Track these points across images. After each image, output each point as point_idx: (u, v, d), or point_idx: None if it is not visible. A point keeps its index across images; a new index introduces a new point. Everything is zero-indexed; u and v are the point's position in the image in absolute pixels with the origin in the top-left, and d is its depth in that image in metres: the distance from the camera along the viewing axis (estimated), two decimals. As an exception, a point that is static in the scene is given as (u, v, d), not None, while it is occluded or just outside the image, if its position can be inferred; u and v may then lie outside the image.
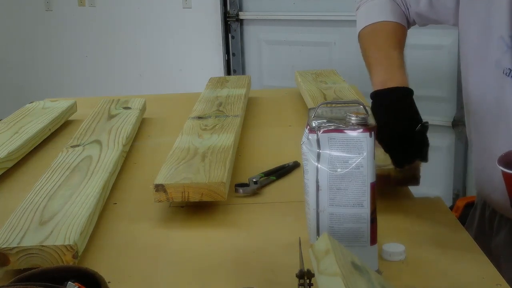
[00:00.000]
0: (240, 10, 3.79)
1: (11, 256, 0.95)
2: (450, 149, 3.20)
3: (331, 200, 0.88)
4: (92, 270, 0.79)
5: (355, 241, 0.89)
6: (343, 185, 0.87)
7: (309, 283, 0.78)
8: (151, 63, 4.18)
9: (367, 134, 0.86)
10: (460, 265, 0.95)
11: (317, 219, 0.89)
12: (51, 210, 1.09)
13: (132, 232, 1.12)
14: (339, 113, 0.91)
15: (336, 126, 0.87)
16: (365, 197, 0.88)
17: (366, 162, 0.87)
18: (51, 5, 4.33)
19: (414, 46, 3.20)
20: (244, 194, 1.25)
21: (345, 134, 0.86)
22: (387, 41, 1.27)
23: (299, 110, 1.86)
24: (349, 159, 0.86)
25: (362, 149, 0.86)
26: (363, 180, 0.87)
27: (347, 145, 0.86)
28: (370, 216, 0.89)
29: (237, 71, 3.87)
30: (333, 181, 0.88)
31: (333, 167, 0.87)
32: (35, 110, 1.80)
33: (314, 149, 0.87)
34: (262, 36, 3.79)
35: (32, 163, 1.51)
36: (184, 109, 1.77)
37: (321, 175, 0.88)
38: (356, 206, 0.88)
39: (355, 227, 0.89)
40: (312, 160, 0.88)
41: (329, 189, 0.88)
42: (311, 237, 0.91)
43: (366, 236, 0.89)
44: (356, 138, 0.86)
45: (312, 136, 0.87)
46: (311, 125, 0.88)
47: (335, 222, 0.89)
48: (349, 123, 0.87)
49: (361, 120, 0.87)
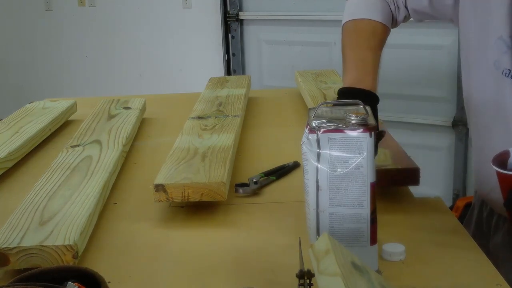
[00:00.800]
0: (240, 10, 3.79)
1: (11, 256, 0.95)
2: (450, 149, 3.20)
3: (331, 200, 0.88)
4: (92, 270, 0.79)
5: (355, 241, 0.89)
6: (343, 185, 0.87)
7: (309, 283, 0.78)
8: (151, 63, 4.18)
9: (367, 134, 0.86)
10: (460, 265, 0.95)
11: (317, 219, 0.89)
12: (51, 210, 1.09)
13: (132, 232, 1.12)
14: (339, 113, 0.91)
15: (336, 126, 0.87)
16: (365, 197, 0.88)
17: (366, 162, 0.87)
18: (51, 5, 4.33)
19: (414, 46, 3.23)
20: (244, 194, 1.25)
21: (345, 134, 0.86)
22: (366, 41, 1.27)
23: (299, 110, 1.86)
24: (349, 159, 0.86)
25: (362, 149, 0.86)
26: (363, 180, 0.87)
27: (347, 145, 0.86)
28: (370, 216, 0.89)
29: (237, 71, 3.87)
30: (333, 181, 0.88)
31: (333, 167, 0.87)
32: (35, 110, 1.80)
33: (314, 149, 0.87)
34: (262, 36, 3.79)
35: (32, 163, 1.51)
36: (184, 109, 1.77)
37: (321, 175, 0.88)
38: (356, 206, 0.88)
39: (355, 227, 0.89)
40: (312, 160, 0.88)
41: (329, 189, 0.88)
42: (311, 237, 0.91)
43: (366, 236, 0.89)
44: (356, 138, 0.86)
45: (312, 136, 0.87)
46: (311, 125, 0.88)
47: (335, 222, 0.89)
48: (349, 123, 0.87)
49: (361, 120, 0.87)
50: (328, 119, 0.89)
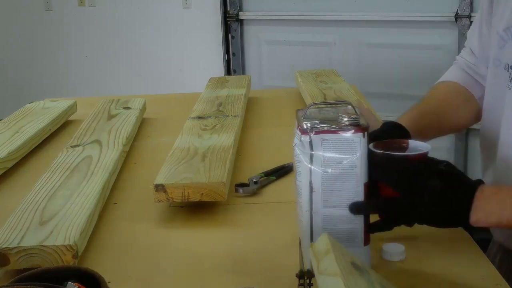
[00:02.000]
0: (240, 10, 3.79)
1: (11, 256, 0.95)
2: (450, 149, 3.20)
3: (325, 201, 0.88)
4: (92, 270, 0.79)
5: (349, 242, 0.88)
6: (337, 186, 0.87)
7: (309, 283, 0.78)
8: (151, 63, 4.18)
9: (361, 134, 0.86)
10: (460, 265, 0.95)
11: (311, 220, 0.89)
12: (51, 210, 1.09)
13: (132, 232, 1.12)
14: (327, 114, 0.91)
15: (329, 127, 0.86)
16: (359, 198, 0.87)
17: (360, 163, 0.86)
18: (51, 5, 4.32)
19: (414, 46, 3.23)
20: (244, 194, 1.25)
21: (339, 135, 0.86)
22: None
23: (299, 110, 1.86)
24: (342, 160, 0.86)
25: (356, 150, 0.86)
26: (357, 181, 0.87)
27: (340, 146, 0.86)
28: (364, 217, 0.89)
29: (237, 71, 3.87)
30: (327, 182, 0.87)
31: (327, 168, 0.87)
32: (35, 110, 1.80)
33: (307, 151, 0.87)
34: (262, 36, 3.79)
35: (32, 163, 1.51)
36: (184, 109, 1.77)
37: (314, 176, 0.87)
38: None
39: (349, 228, 0.88)
40: (305, 162, 0.87)
41: (323, 191, 0.87)
42: (304, 240, 0.90)
43: (360, 237, 0.89)
44: (350, 138, 0.85)
45: (304, 137, 0.86)
46: (303, 127, 0.87)
47: (329, 223, 0.88)
48: (341, 124, 0.86)
49: (353, 120, 0.86)
50: (319, 120, 0.88)
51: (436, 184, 0.87)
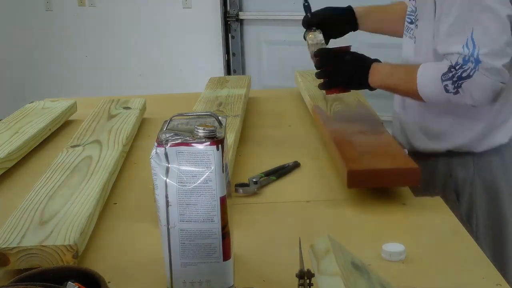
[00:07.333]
0: (240, 10, 3.79)
1: (11, 256, 0.95)
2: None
3: (181, 215, 0.85)
4: (92, 270, 0.79)
5: (208, 257, 0.86)
6: (193, 200, 0.85)
7: (309, 283, 0.78)
8: (151, 63, 4.18)
9: (214, 147, 0.83)
10: (460, 265, 0.95)
11: (168, 235, 0.86)
12: (51, 210, 1.09)
13: (132, 232, 1.12)
14: (191, 126, 0.88)
15: (183, 139, 0.84)
16: (215, 212, 0.85)
17: (215, 176, 0.83)
18: (51, 5, 4.33)
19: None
20: (244, 194, 1.25)
21: (193, 148, 0.83)
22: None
23: (299, 110, 1.86)
24: (197, 173, 0.83)
25: (210, 163, 0.83)
26: (212, 195, 0.84)
27: (194, 159, 0.83)
28: (222, 231, 0.86)
29: (237, 71, 3.87)
30: (182, 196, 0.84)
31: (182, 182, 0.84)
32: (35, 110, 1.80)
33: (163, 163, 0.84)
34: (262, 36, 3.79)
35: (32, 163, 1.51)
36: (184, 109, 1.76)
37: (170, 190, 0.84)
38: (207, 222, 0.85)
39: (207, 243, 0.86)
40: (161, 175, 0.84)
41: (179, 205, 0.85)
42: (165, 256, 0.88)
43: (219, 251, 0.87)
44: (203, 151, 0.83)
45: (160, 150, 0.84)
46: (160, 138, 0.85)
47: (186, 238, 0.86)
48: (196, 135, 0.84)
49: (208, 132, 0.84)
50: (178, 132, 0.86)
51: (347, 59, 1.51)
